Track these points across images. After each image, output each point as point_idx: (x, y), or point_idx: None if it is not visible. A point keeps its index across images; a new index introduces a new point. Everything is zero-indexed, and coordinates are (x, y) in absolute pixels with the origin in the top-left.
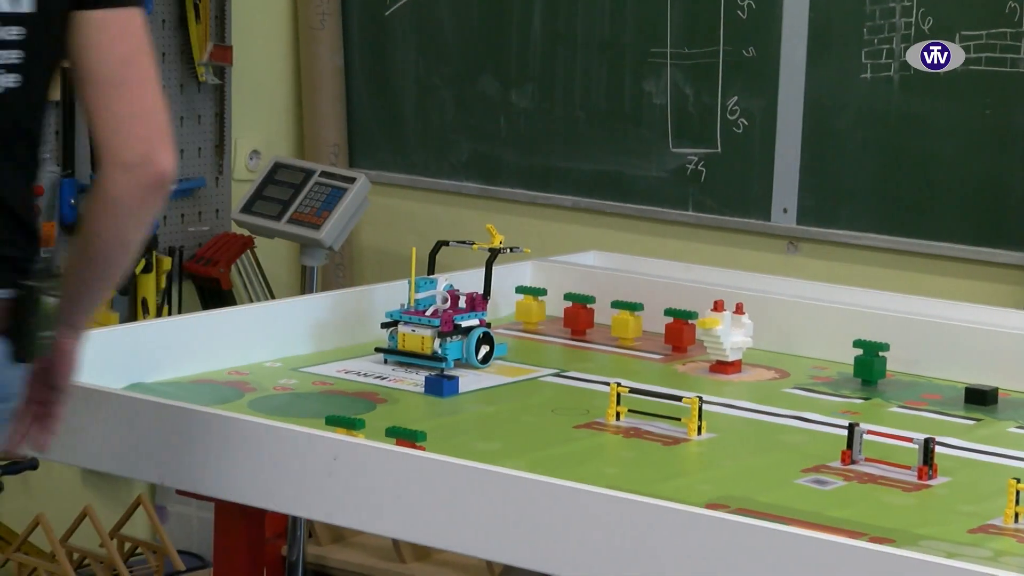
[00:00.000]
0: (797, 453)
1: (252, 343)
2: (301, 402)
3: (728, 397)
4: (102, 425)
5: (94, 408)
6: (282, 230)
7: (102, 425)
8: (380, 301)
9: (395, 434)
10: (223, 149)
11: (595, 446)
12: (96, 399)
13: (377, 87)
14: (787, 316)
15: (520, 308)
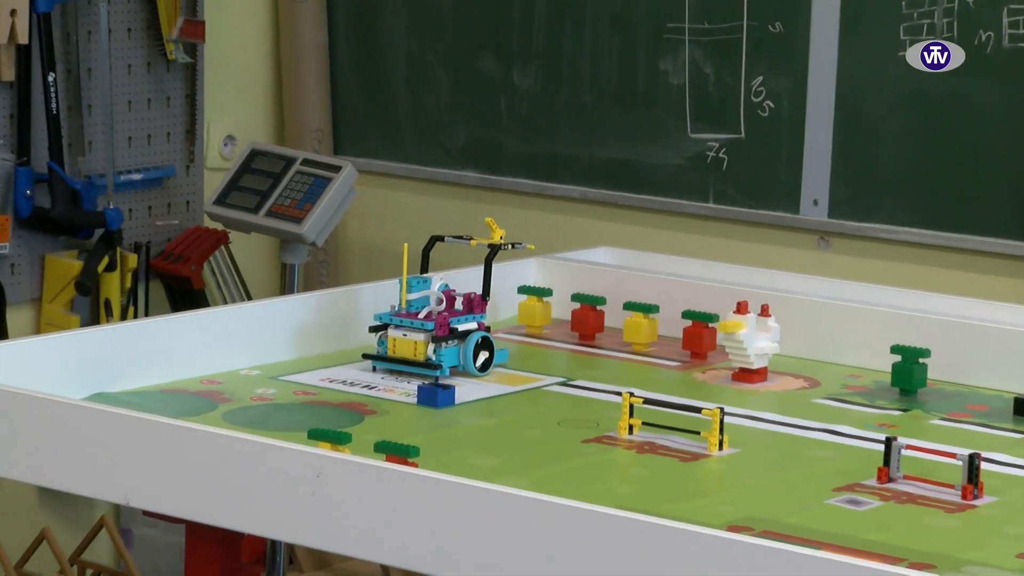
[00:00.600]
0: (828, 470)
1: (227, 349)
2: (281, 414)
3: (752, 408)
4: (61, 440)
5: (52, 421)
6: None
7: (61, 440)
8: (368, 302)
9: (385, 449)
10: (194, 134)
11: (605, 462)
12: (55, 411)
13: (365, 66)
14: (817, 319)
15: (523, 310)
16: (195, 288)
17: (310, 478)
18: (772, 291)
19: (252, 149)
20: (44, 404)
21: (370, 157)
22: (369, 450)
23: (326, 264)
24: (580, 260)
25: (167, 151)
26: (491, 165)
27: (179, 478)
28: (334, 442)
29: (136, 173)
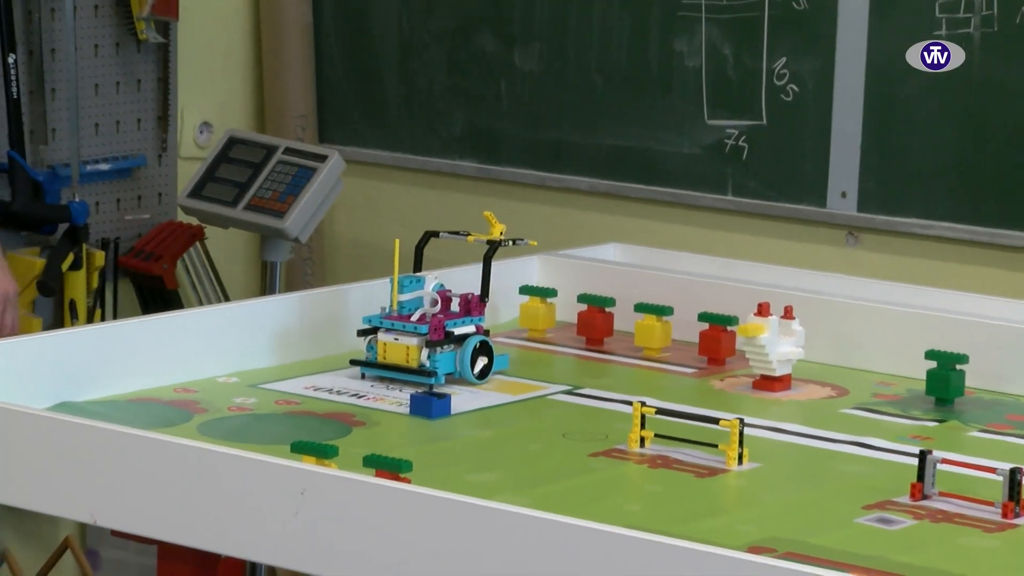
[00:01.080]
0: (857, 486)
1: (202, 354)
2: (261, 425)
3: (775, 419)
4: (22, 453)
5: (12, 433)
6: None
7: (22, 453)
8: (356, 304)
9: (375, 464)
10: (167, 121)
11: (615, 478)
12: (16, 422)
13: (353, 46)
14: (846, 321)
15: (525, 312)
16: (168, 288)
17: (293, 495)
18: (796, 291)
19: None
20: (3, 414)
21: (358, 145)
22: (357, 465)
23: (310, 262)
24: (587, 258)
25: (137, 139)
26: (490, 154)
27: (150, 495)
28: (319, 456)
29: (104, 163)
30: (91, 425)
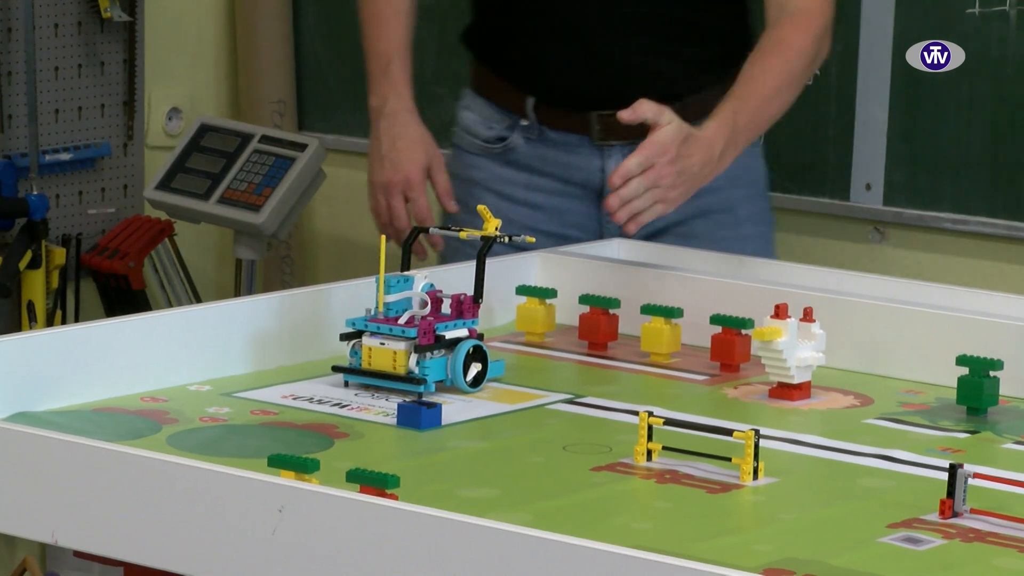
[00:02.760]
0: (882, 503)
1: (172, 360)
2: (236, 437)
3: (793, 430)
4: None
5: None
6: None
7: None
8: (339, 305)
9: (359, 479)
10: (133, 107)
11: (620, 494)
12: None
13: (335, 26)
14: (870, 324)
15: (522, 314)
16: (134, 288)
17: (271, 513)
18: (817, 292)
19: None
20: None
21: (341, 133)
22: (340, 480)
23: (289, 260)
24: (590, 255)
25: (101, 127)
26: None
27: (116, 512)
28: (299, 470)
29: (64, 152)
30: (51, 437)
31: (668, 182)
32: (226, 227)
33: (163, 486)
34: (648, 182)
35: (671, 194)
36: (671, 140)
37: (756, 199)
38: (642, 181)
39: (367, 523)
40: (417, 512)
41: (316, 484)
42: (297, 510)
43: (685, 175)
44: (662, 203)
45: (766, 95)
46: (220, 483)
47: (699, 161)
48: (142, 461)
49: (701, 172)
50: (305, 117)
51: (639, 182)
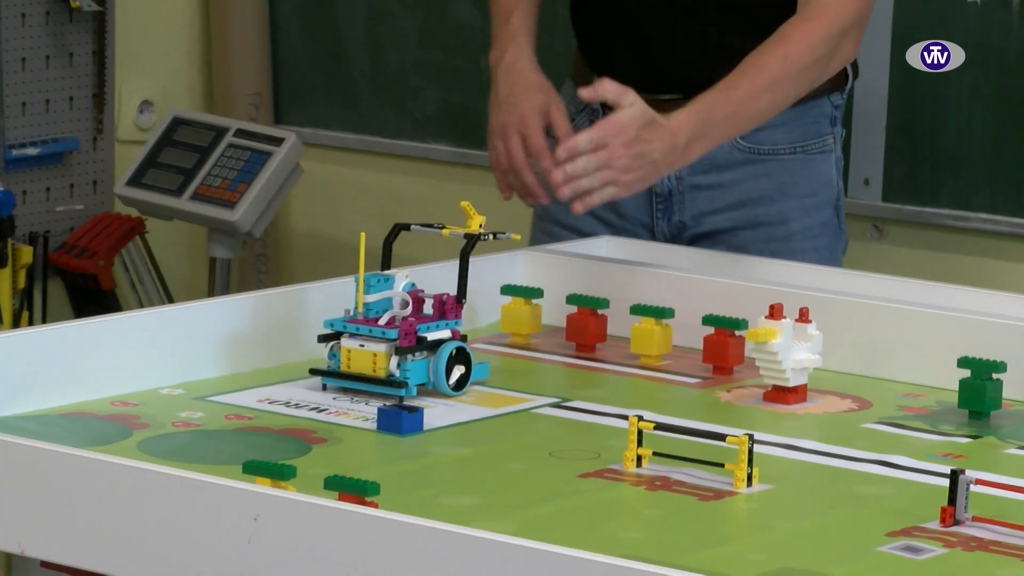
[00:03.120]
0: (881, 510)
1: (143, 363)
2: (209, 443)
3: (789, 435)
4: None
5: None
6: (183, 209)
7: None
8: (317, 306)
9: (337, 486)
10: (103, 99)
11: (609, 501)
12: None
13: (312, 14)
14: (869, 325)
15: (507, 315)
16: (104, 288)
17: (246, 522)
18: (813, 291)
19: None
20: None
21: (319, 127)
22: (318, 487)
23: (264, 258)
24: (577, 253)
25: (69, 120)
26: (468, 136)
27: (85, 521)
28: (275, 477)
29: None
30: (17, 443)
31: (622, 164)
32: (199, 224)
33: (134, 494)
34: (599, 161)
35: (625, 177)
36: (629, 122)
37: (812, 212)
38: (592, 159)
39: (346, 532)
40: (398, 521)
41: (293, 492)
42: (273, 519)
43: (643, 160)
44: (614, 186)
45: (754, 90)
46: (193, 491)
47: (659, 148)
48: (112, 468)
49: (663, 160)
50: (282, 110)
51: (588, 159)
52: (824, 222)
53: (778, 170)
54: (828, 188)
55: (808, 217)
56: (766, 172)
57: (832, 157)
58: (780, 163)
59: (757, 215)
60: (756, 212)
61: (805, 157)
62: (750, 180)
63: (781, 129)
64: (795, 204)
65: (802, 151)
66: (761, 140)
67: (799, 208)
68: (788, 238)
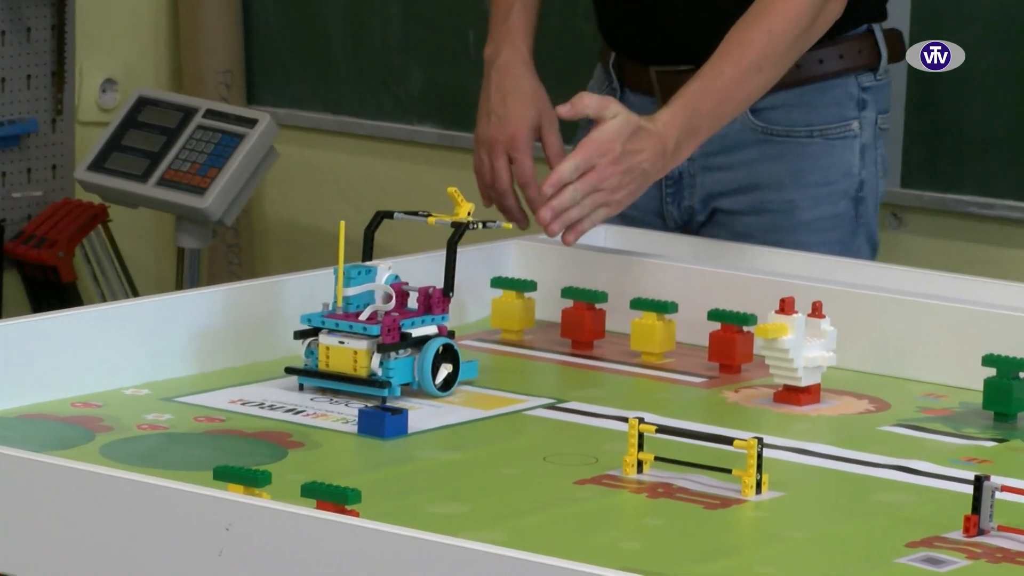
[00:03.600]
0: (900, 519)
1: (106, 361)
2: (178, 447)
3: (800, 439)
4: None
5: None
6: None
7: None
8: (293, 299)
9: (315, 493)
10: (63, 78)
11: (607, 509)
12: None
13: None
14: (887, 320)
15: (498, 309)
16: (64, 281)
17: (217, 531)
18: (827, 284)
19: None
20: None
21: (295, 107)
22: (295, 494)
23: (237, 249)
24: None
25: (27, 100)
26: (456, 118)
27: (44, 531)
28: (248, 484)
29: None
30: None
31: (611, 183)
32: (166, 212)
33: (96, 502)
34: (587, 187)
35: (615, 196)
36: (615, 136)
37: (823, 202)
38: (580, 187)
39: (325, 543)
40: (380, 530)
41: (267, 499)
42: (246, 529)
43: (632, 174)
44: (606, 207)
45: (739, 74)
46: (160, 499)
47: (648, 157)
48: (73, 474)
49: (653, 168)
50: (255, 89)
51: (576, 188)
52: (837, 215)
53: (791, 154)
54: (847, 178)
55: (818, 208)
56: (778, 155)
57: (856, 144)
58: (794, 147)
59: (764, 201)
60: (764, 198)
61: (823, 142)
62: (760, 162)
63: (798, 110)
64: (805, 193)
65: (820, 135)
66: (775, 120)
67: (809, 197)
68: (793, 229)
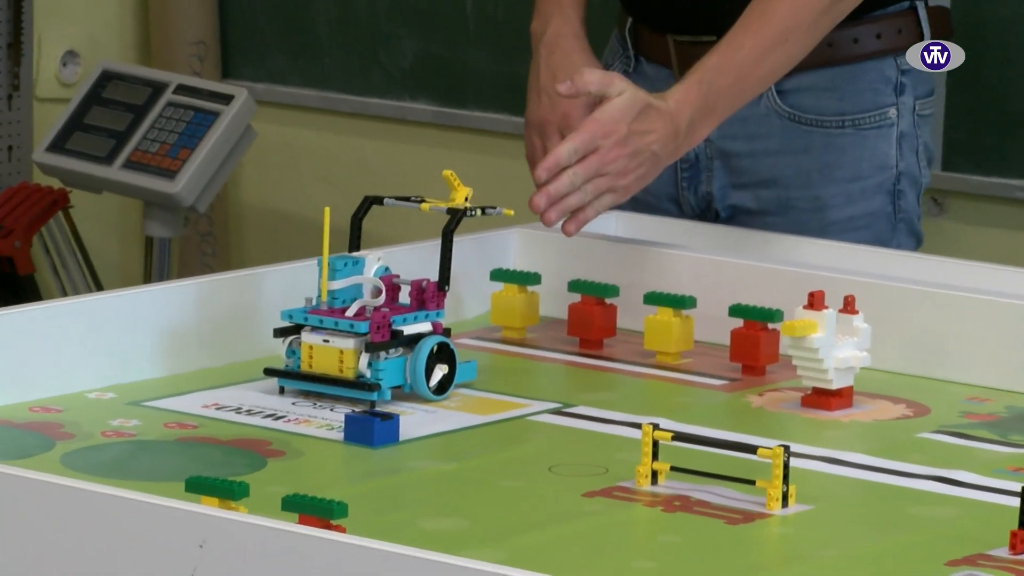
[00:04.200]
0: (941, 535)
1: (67, 361)
2: (146, 456)
3: (831, 447)
4: None
5: None
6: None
7: None
8: (273, 293)
9: (298, 507)
10: (20, 50)
11: (618, 525)
12: None
13: None
14: (926, 316)
15: (498, 305)
16: (20, 273)
17: (190, 549)
18: (860, 276)
19: (103, 71)
20: None
21: (274, 82)
22: (275, 508)
23: (211, 238)
24: (582, 232)
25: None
26: (451, 94)
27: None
28: (224, 496)
29: None
30: None
31: (617, 167)
32: (133, 197)
33: (57, 516)
34: (589, 170)
35: (622, 181)
36: (620, 116)
37: (858, 200)
38: (580, 171)
39: (307, 561)
40: (368, 547)
41: (245, 513)
42: (221, 545)
43: (640, 156)
44: (612, 193)
45: (761, 47)
46: (127, 512)
47: (658, 139)
48: (31, 485)
49: (664, 151)
50: (230, 62)
51: (576, 172)
52: (872, 212)
53: (821, 146)
54: (882, 171)
55: (851, 206)
56: (806, 147)
57: (893, 133)
58: (824, 137)
59: (790, 198)
60: (789, 195)
61: (856, 133)
62: (786, 154)
63: (830, 95)
64: (836, 190)
65: (852, 125)
66: (804, 106)
67: (841, 195)
68: (824, 229)
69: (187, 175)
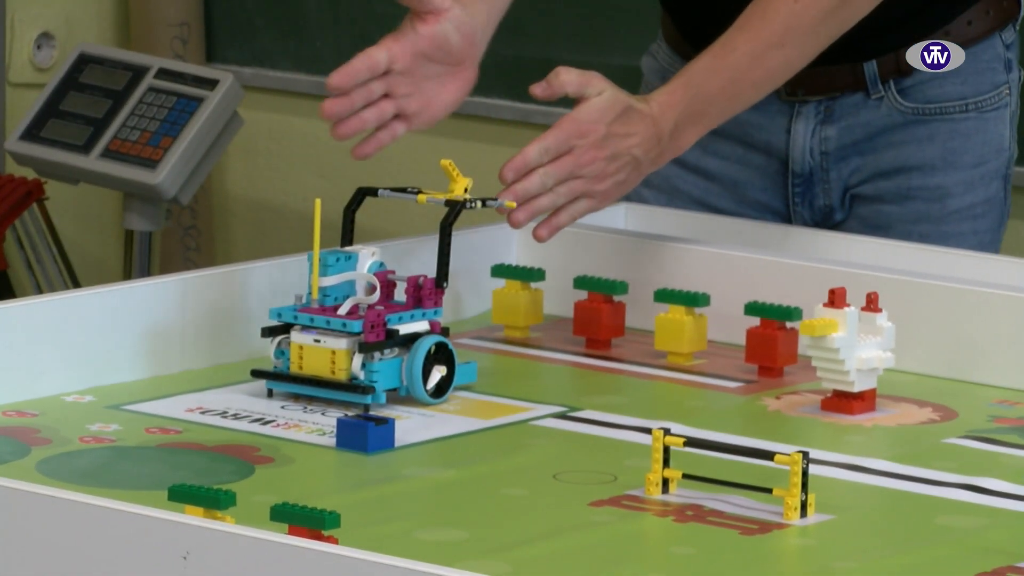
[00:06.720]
0: (969, 547)
1: (43, 362)
2: (126, 463)
3: (852, 453)
4: None
5: None
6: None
7: None
8: (260, 290)
9: (287, 516)
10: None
11: (627, 536)
12: None
13: None
14: (953, 315)
15: (500, 302)
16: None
17: (173, 560)
18: (884, 273)
19: (80, 54)
20: None
21: (262, 66)
22: (263, 518)
23: (195, 231)
24: (588, 225)
25: None
26: None
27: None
28: (209, 506)
29: None
30: None
31: (594, 170)
32: (112, 189)
33: (32, 525)
34: (561, 172)
35: (600, 186)
36: (599, 116)
37: (978, 186)
38: (551, 171)
39: (298, 574)
40: (362, 559)
41: (231, 523)
42: (206, 557)
43: (620, 160)
44: (587, 198)
45: (757, 48)
46: (107, 522)
47: (639, 143)
48: (5, 493)
49: (646, 156)
50: (215, 45)
51: (546, 172)
52: (989, 198)
53: (945, 133)
54: (999, 154)
55: (972, 193)
56: (930, 135)
57: (1007, 114)
58: (949, 124)
59: (911, 187)
60: (910, 184)
61: (979, 116)
62: (909, 144)
63: (951, 80)
64: (960, 177)
65: (975, 108)
66: (927, 96)
67: (964, 182)
68: (943, 219)
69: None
